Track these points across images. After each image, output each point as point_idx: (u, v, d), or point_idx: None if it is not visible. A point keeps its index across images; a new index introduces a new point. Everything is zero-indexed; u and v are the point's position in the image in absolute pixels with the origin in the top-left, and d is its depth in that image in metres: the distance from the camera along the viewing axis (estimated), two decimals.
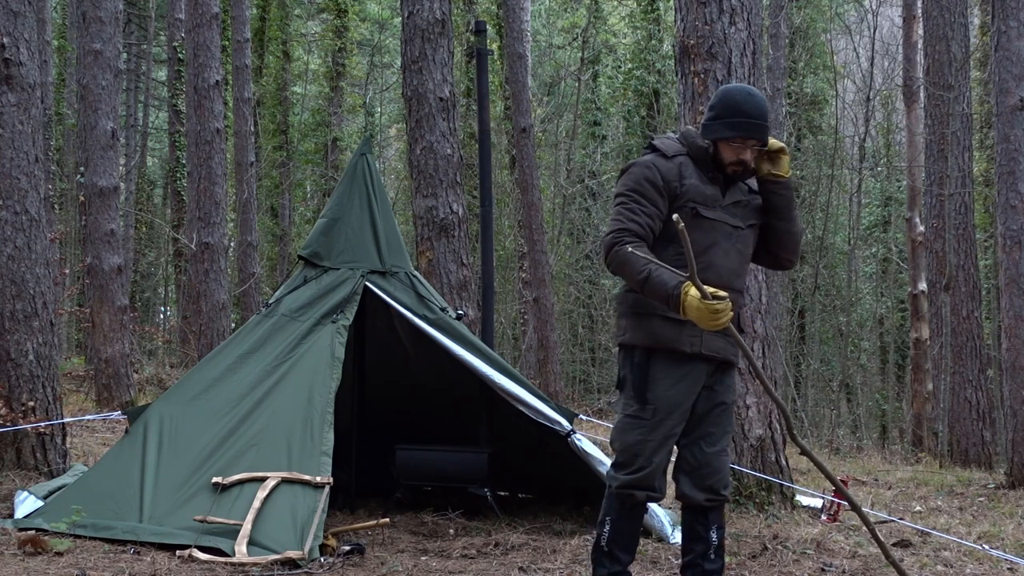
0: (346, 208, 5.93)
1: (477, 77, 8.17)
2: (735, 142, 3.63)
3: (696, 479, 3.75)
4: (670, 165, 3.67)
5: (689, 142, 3.73)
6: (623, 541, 3.73)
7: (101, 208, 11.12)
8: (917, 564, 5.04)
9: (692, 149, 3.71)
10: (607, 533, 3.72)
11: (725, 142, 3.65)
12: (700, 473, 3.74)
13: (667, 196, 3.64)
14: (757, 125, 3.62)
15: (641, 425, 3.66)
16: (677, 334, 3.63)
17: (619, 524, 3.72)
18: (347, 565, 4.69)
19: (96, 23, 11.05)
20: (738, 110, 3.62)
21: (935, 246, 13.90)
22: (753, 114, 3.61)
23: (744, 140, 3.63)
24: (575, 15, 24.34)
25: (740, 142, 3.64)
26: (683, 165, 3.68)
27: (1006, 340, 8.64)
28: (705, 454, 3.74)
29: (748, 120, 3.61)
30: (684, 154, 3.71)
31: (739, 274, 3.77)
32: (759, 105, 3.64)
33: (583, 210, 21.91)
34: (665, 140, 3.80)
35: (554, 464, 6.35)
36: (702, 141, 3.69)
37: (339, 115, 23.35)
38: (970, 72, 14.44)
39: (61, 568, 4.35)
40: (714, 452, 3.76)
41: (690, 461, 3.75)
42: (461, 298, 8.30)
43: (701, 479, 3.74)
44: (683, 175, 3.66)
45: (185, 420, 5.36)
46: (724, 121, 3.63)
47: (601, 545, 3.73)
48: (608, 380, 20.27)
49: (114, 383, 10.94)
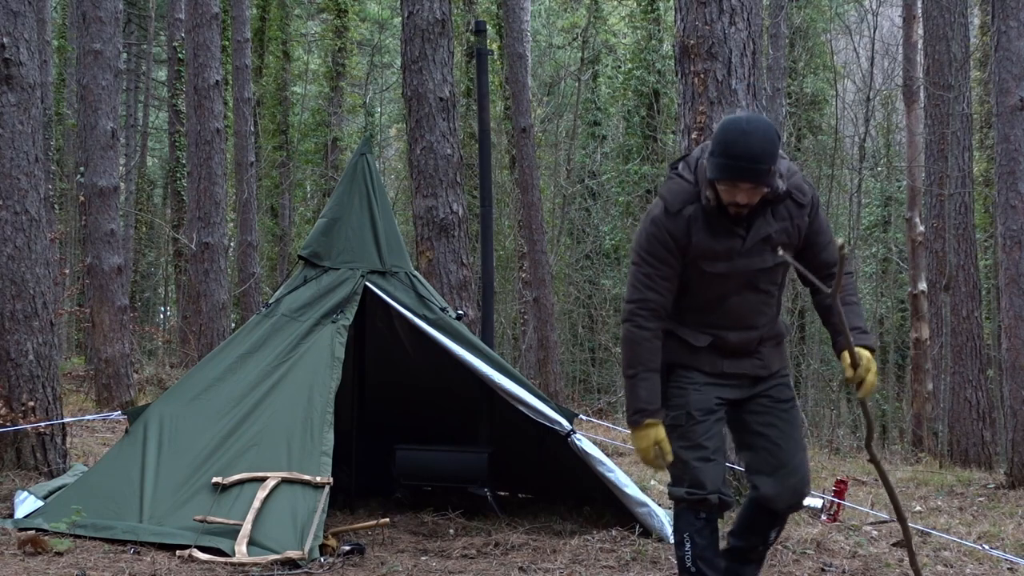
0: (346, 208, 5.93)
1: (477, 77, 8.17)
2: (723, 184, 3.37)
3: (777, 479, 3.60)
4: (678, 222, 3.47)
5: (701, 179, 3.47)
6: (707, 556, 3.58)
7: (101, 208, 11.11)
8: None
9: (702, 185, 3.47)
10: (689, 552, 3.58)
11: (718, 183, 3.39)
12: (780, 473, 3.61)
13: (678, 252, 3.49)
14: (745, 169, 3.30)
15: (677, 434, 3.57)
16: (692, 358, 3.60)
17: (698, 539, 3.58)
18: (347, 565, 4.69)
19: (96, 23, 11.05)
20: (726, 151, 3.31)
21: (935, 246, 13.90)
22: (741, 156, 3.29)
23: (733, 183, 3.35)
24: (575, 15, 24.35)
25: (729, 184, 3.36)
26: (692, 219, 3.46)
27: (1006, 340, 8.64)
28: (782, 451, 3.61)
29: (734, 163, 3.30)
30: (695, 201, 3.47)
31: (763, 312, 3.62)
32: (749, 145, 3.29)
33: (583, 210, 21.91)
34: (675, 187, 3.52)
35: (554, 464, 6.34)
36: (708, 189, 3.43)
37: (339, 115, 23.35)
38: (970, 72, 14.44)
39: (61, 568, 4.35)
40: (790, 448, 3.62)
41: (769, 461, 3.62)
42: (461, 298, 8.30)
43: (782, 479, 3.60)
44: (691, 231, 3.46)
45: (185, 420, 5.36)
46: (713, 161, 3.35)
47: (688, 567, 3.59)
48: (608, 380, 20.27)
49: (114, 383, 10.94)
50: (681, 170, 3.54)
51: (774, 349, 3.69)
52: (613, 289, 20.90)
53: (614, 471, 5.60)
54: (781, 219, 3.52)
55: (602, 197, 22.45)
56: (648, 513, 5.43)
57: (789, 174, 3.51)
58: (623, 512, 5.59)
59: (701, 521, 3.57)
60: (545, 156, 21.87)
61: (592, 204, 21.99)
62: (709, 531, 3.60)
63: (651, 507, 5.49)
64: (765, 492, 3.61)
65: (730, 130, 3.34)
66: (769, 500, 3.63)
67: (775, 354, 3.70)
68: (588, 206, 21.92)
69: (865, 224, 23.24)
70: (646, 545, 5.13)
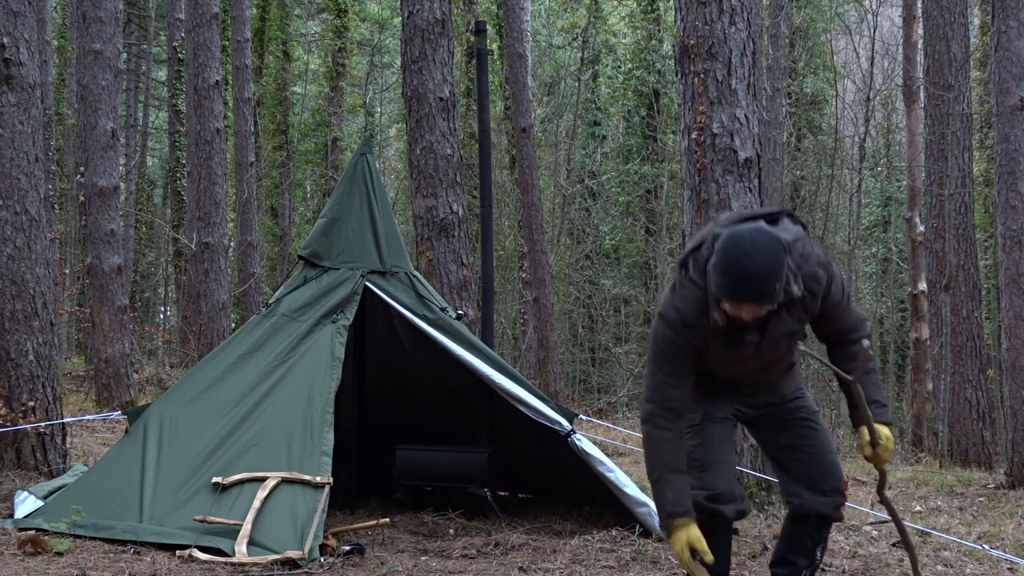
0: (346, 208, 5.93)
1: (477, 77, 8.17)
2: (727, 303, 3.26)
3: (813, 484, 3.59)
4: (696, 332, 3.40)
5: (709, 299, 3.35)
6: (718, 569, 3.53)
7: (101, 208, 11.11)
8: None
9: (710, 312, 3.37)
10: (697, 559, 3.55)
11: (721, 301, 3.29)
12: (814, 477, 3.59)
13: (695, 354, 3.45)
14: (749, 292, 3.20)
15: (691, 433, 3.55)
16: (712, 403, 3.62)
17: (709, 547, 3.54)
18: (347, 565, 4.69)
19: (96, 23, 11.05)
20: (730, 271, 3.20)
21: (935, 246, 13.90)
22: (745, 278, 3.18)
23: (737, 303, 3.25)
24: (575, 15, 24.35)
25: (733, 304, 3.25)
26: (709, 329, 3.39)
27: (1006, 340, 8.64)
28: (813, 457, 3.61)
29: (738, 285, 3.20)
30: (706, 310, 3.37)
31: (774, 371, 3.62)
32: (753, 267, 3.17)
33: (583, 210, 21.92)
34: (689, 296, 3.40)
35: (554, 464, 6.34)
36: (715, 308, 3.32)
37: (339, 115, 23.35)
38: (970, 72, 14.44)
39: (61, 568, 4.35)
40: (820, 452, 3.62)
41: (801, 469, 3.62)
42: (461, 298, 8.30)
43: (818, 482, 3.59)
44: (707, 339, 3.41)
45: (185, 420, 5.36)
46: (717, 279, 3.24)
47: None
48: (608, 380, 20.26)
49: (114, 383, 10.94)
50: (692, 274, 3.41)
51: (786, 378, 3.69)
52: (613, 289, 20.90)
53: (614, 471, 5.60)
54: (797, 313, 3.44)
55: (602, 197, 22.46)
56: (648, 513, 5.43)
57: (803, 259, 3.38)
58: (623, 512, 5.59)
59: (716, 536, 3.53)
60: (545, 156, 21.87)
61: (592, 204, 21.99)
62: (721, 544, 3.58)
63: (651, 507, 5.48)
64: (805, 500, 3.61)
65: (733, 250, 3.21)
66: (812, 506, 3.61)
67: (787, 381, 3.70)
68: (588, 206, 21.92)
69: (865, 224, 23.24)
70: (646, 545, 5.13)
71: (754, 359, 3.49)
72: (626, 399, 17.72)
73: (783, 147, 18.39)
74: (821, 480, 3.60)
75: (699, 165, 6.22)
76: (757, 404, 3.67)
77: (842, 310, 3.52)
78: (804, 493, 3.61)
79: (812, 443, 3.64)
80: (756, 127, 6.30)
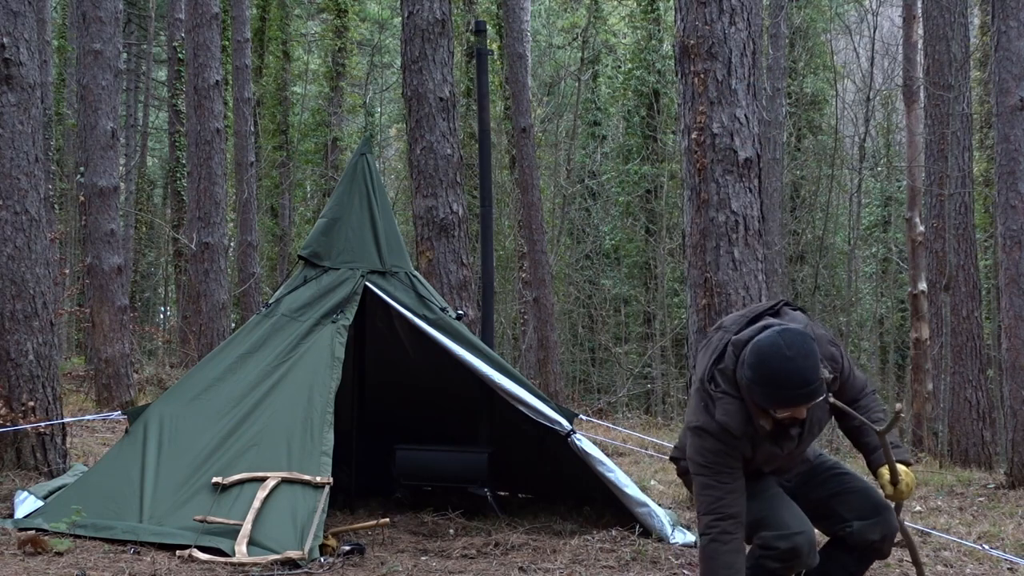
0: (346, 208, 5.93)
1: (477, 77, 8.17)
2: (779, 410, 3.30)
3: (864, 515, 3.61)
4: (742, 443, 3.42)
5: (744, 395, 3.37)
6: None
7: (101, 208, 11.11)
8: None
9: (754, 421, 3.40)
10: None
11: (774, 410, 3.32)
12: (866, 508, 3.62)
13: (742, 464, 3.47)
14: (803, 395, 3.23)
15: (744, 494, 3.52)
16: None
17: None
18: (347, 565, 4.69)
19: (96, 23, 11.05)
20: (776, 381, 3.23)
21: (935, 246, 13.89)
22: (796, 384, 3.21)
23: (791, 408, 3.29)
24: (575, 15, 24.35)
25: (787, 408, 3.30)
26: (755, 441, 3.43)
27: (1006, 340, 8.64)
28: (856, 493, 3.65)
29: (791, 393, 3.23)
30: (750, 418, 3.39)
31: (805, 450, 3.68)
32: (800, 371, 3.21)
33: (583, 210, 21.92)
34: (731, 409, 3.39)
35: (554, 464, 6.34)
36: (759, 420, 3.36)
37: (339, 115, 23.35)
38: (970, 72, 14.44)
39: (61, 568, 4.35)
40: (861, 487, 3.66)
41: (852, 507, 3.63)
42: (461, 298, 8.30)
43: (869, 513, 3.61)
44: (754, 447, 3.44)
45: (185, 420, 5.36)
46: (765, 392, 3.26)
47: None
48: (608, 380, 20.26)
49: (114, 383, 10.93)
50: (725, 387, 3.41)
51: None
52: (613, 289, 20.90)
53: (614, 471, 5.60)
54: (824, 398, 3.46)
55: (602, 197, 22.46)
56: (648, 513, 5.43)
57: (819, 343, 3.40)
58: (623, 512, 5.59)
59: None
60: (545, 156, 21.87)
61: (592, 204, 22.00)
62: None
63: (651, 507, 5.49)
64: (859, 528, 3.60)
65: (773, 360, 3.22)
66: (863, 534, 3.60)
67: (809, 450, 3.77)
68: (588, 206, 21.92)
69: (865, 224, 23.24)
70: (646, 545, 5.13)
71: (798, 449, 3.55)
72: (626, 399, 17.73)
73: (783, 147, 18.39)
74: (872, 512, 3.62)
75: (699, 165, 6.22)
76: (791, 476, 3.73)
77: (852, 377, 3.62)
78: (855, 523, 3.63)
79: (852, 484, 3.70)
80: (756, 127, 6.30)
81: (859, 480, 3.73)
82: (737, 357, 3.35)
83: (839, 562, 3.69)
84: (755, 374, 3.25)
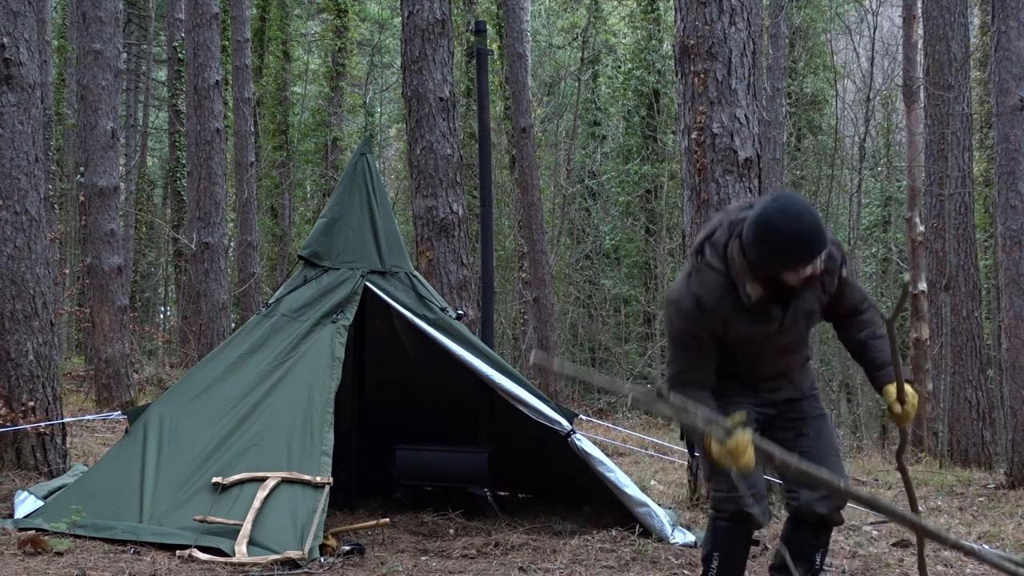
0: (346, 208, 5.93)
1: (477, 77, 8.17)
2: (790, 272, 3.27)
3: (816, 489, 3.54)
4: (713, 317, 3.38)
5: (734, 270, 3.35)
6: (733, 574, 3.57)
7: (101, 208, 11.11)
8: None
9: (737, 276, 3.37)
10: (715, 568, 3.56)
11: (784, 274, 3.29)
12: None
13: (713, 339, 3.43)
14: (814, 244, 3.22)
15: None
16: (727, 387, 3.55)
17: (729, 556, 3.55)
18: (347, 565, 4.69)
19: (96, 23, 11.05)
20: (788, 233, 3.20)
21: (935, 246, 13.89)
22: (804, 232, 3.20)
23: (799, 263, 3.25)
24: (575, 15, 24.35)
25: (794, 266, 3.26)
26: (728, 312, 3.38)
27: (1006, 340, 8.64)
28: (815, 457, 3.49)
29: (799, 243, 3.21)
30: (730, 293, 3.36)
31: (793, 359, 3.60)
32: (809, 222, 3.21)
33: (583, 210, 21.91)
34: (708, 282, 3.38)
35: (554, 464, 6.34)
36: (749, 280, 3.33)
37: (339, 115, 23.35)
38: (970, 72, 14.45)
39: (61, 568, 4.35)
40: (824, 454, 3.57)
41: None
42: (461, 298, 8.30)
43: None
44: (727, 323, 3.40)
45: (185, 420, 5.36)
46: (769, 248, 3.23)
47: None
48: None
49: (114, 383, 10.94)
50: (710, 258, 3.40)
51: (803, 372, 3.69)
52: (613, 289, 20.90)
53: (614, 471, 5.60)
54: (815, 291, 3.47)
55: (602, 197, 22.45)
56: (648, 513, 5.43)
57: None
58: (623, 512, 5.59)
59: (737, 541, 3.54)
60: (545, 156, 21.87)
61: (592, 204, 21.99)
62: (740, 551, 3.59)
63: (651, 507, 5.49)
64: (806, 500, 3.57)
65: (783, 214, 3.21)
66: (811, 507, 3.57)
67: (804, 375, 3.70)
68: (588, 206, 21.92)
69: (865, 224, 23.23)
70: (646, 545, 5.13)
71: (777, 338, 3.47)
72: (626, 399, 17.72)
73: (783, 147, 18.39)
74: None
75: (699, 165, 6.22)
76: (777, 401, 3.62)
77: (853, 285, 3.62)
78: (804, 493, 3.58)
79: (819, 444, 3.61)
80: (756, 127, 6.30)
81: (827, 444, 3.63)
82: (730, 231, 3.36)
83: (800, 538, 3.66)
84: (763, 233, 3.22)
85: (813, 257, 3.24)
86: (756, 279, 3.33)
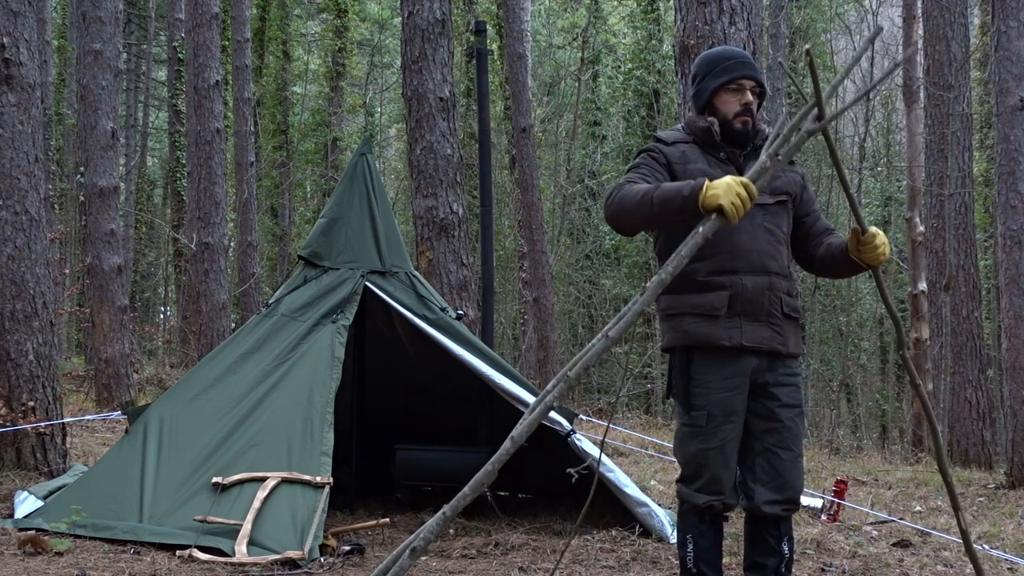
0: (346, 208, 5.93)
1: (477, 77, 8.17)
2: (730, 88, 3.53)
3: (773, 489, 3.52)
4: (673, 150, 3.56)
5: (692, 127, 3.61)
6: (709, 557, 3.54)
7: (101, 208, 11.11)
8: (917, 564, 5.04)
9: (696, 133, 3.58)
10: (691, 554, 3.53)
11: (721, 95, 3.54)
12: (777, 483, 3.52)
13: (670, 176, 3.48)
14: (745, 62, 3.57)
15: (697, 433, 3.47)
16: (711, 328, 3.45)
17: (701, 540, 3.53)
18: (347, 565, 4.69)
19: (96, 23, 11.05)
20: (721, 58, 3.59)
21: (935, 246, 13.90)
22: (735, 55, 3.60)
23: (739, 82, 3.53)
24: (575, 15, 24.35)
25: (736, 86, 3.53)
26: (686, 152, 3.55)
27: (1006, 340, 8.65)
28: (782, 462, 3.52)
29: (734, 62, 3.55)
30: (688, 141, 3.58)
31: (773, 256, 3.53)
32: (735, 49, 3.71)
33: (583, 210, 21.92)
34: (667, 131, 3.71)
35: (554, 464, 6.34)
36: (702, 121, 3.57)
37: (339, 115, 23.36)
38: (970, 72, 14.45)
39: (61, 568, 4.35)
40: (790, 458, 3.54)
41: (766, 470, 3.52)
42: (461, 298, 8.30)
43: (779, 489, 3.52)
44: (687, 159, 3.53)
45: (185, 420, 5.35)
46: (711, 75, 3.55)
47: (688, 567, 3.54)
48: (608, 380, 20.27)
49: (114, 383, 10.94)
50: (660, 132, 3.74)
51: (790, 324, 3.57)
52: (613, 289, 20.90)
53: (614, 471, 5.60)
54: (787, 177, 3.67)
55: (602, 197, 22.45)
56: (648, 513, 5.43)
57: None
58: (623, 512, 5.58)
59: (706, 523, 3.53)
60: (545, 156, 21.88)
61: (592, 204, 21.99)
62: (713, 532, 3.56)
63: (651, 507, 5.49)
64: (757, 500, 3.54)
65: (711, 50, 3.72)
66: (760, 508, 3.54)
67: (792, 330, 3.58)
68: (588, 206, 21.92)
69: None
70: (646, 545, 5.13)
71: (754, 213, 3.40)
72: (626, 399, 17.73)
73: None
74: (782, 487, 3.53)
75: None
76: (763, 350, 3.50)
77: (819, 213, 3.82)
78: (760, 493, 3.53)
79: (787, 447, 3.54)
80: None
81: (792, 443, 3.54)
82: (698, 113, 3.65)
83: (760, 533, 3.60)
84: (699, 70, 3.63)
85: (746, 69, 3.55)
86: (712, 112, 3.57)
